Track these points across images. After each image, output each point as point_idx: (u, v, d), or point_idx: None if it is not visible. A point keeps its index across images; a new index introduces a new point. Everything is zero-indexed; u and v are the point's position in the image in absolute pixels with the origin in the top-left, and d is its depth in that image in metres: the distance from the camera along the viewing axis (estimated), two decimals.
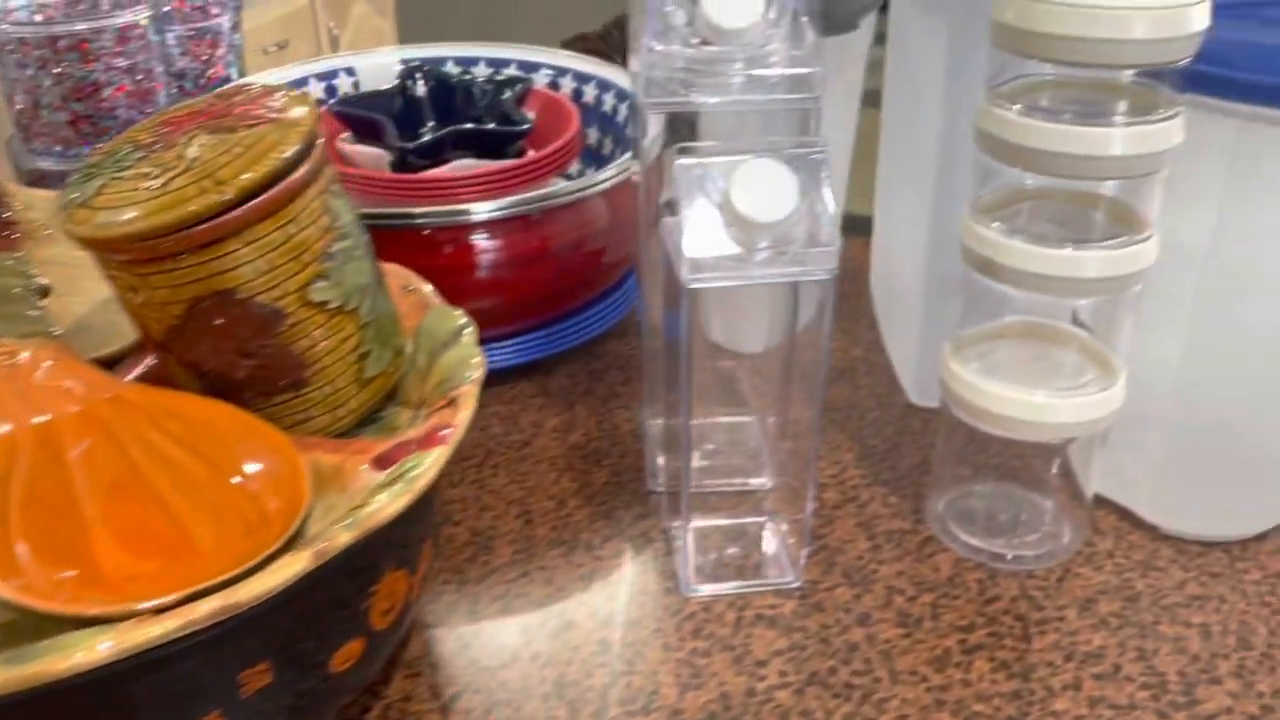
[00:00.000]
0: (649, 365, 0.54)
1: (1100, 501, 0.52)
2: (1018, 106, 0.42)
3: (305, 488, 0.35)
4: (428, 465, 0.34)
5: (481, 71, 0.75)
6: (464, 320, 0.43)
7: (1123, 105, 0.42)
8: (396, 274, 0.46)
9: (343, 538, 0.31)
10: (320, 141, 0.38)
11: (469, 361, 0.40)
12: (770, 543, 0.51)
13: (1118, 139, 0.40)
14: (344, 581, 0.34)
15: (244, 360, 0.37)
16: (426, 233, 0.57)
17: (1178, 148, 0.41)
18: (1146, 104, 0.42)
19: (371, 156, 0.64)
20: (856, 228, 0.66)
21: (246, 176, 0.35)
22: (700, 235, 0.41)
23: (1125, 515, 0.52)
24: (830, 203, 0.41)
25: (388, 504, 0.32)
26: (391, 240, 0.57)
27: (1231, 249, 0.44)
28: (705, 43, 0.44)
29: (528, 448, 0.57)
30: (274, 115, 0.37)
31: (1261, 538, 0.50)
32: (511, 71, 0.74)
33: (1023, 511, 0.52)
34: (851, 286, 0.74)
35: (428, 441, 0.36)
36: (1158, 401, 0.48)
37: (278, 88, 0.39)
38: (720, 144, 0.42)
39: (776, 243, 0.41)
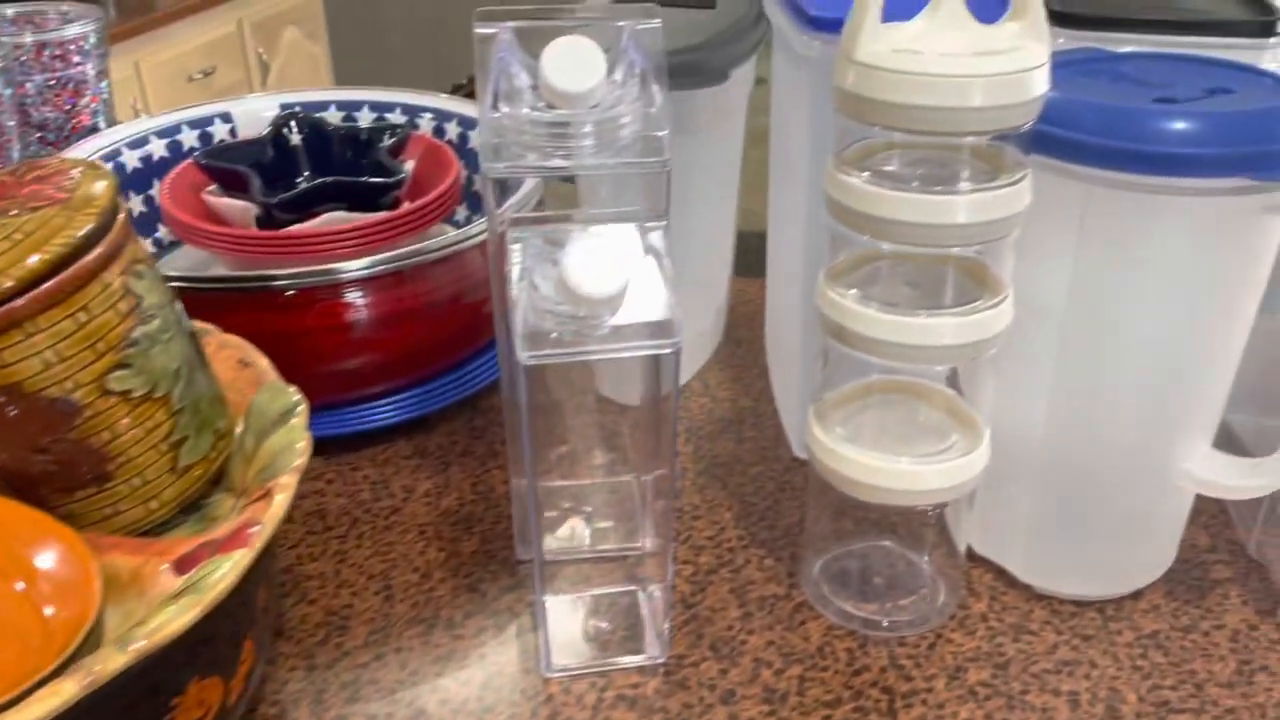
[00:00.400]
0: (511, 425, 0.53)
1: (977, 560, 0.52)
2: (865, 174, 0.40)
3: (95, 596, 0.32)
4: (225, 571, 0.32)
5: (365, 116, 0.73)
6: (296, 399, 0.41)
7: (969, 170, 0.41)
8: (232, 346, 0.44)
9: (114, 662, 0.28)
10: (121, 218, 0.36)
11: (293, 447, 0.38)
12: (638, 614, 0.49)
13: (962, 207, 0.39)
14: (138, 698, 0.32)
15: (38, 456, 0.35)
16: (291, 294, 0.55)
17: (1025, 211, 0.40)
18: (994, 165, 0.41)
19: (238, 210, 0.62)
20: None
21: (29, 263, 0.32)
22: (537, 308, 0.39)
23: (1001, 574, 0.51)
24: (670, 275, 0.40)
25: (174, 619, 0.30)
26: (253, 302, 0.55)
27: (1087, 308, 0.43)
28: (552, 106, 0.43)
29: (396, 515, 0.55)
30: (65, 194, 0.34)
31: (1137, 595, 0.50)
32: (395, 116, 0.73)
33: (899, 572, 0.51)
34: (748, 331, 0.73)
35: (232, 542, 0.33)
36: (1026, 459, 0.47)
37: (77, 163, 0.37)
38: (557, 213, 0.41)
39: (618, 313, 0.40)
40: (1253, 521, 0.52)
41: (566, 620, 0.48)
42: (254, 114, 0.71)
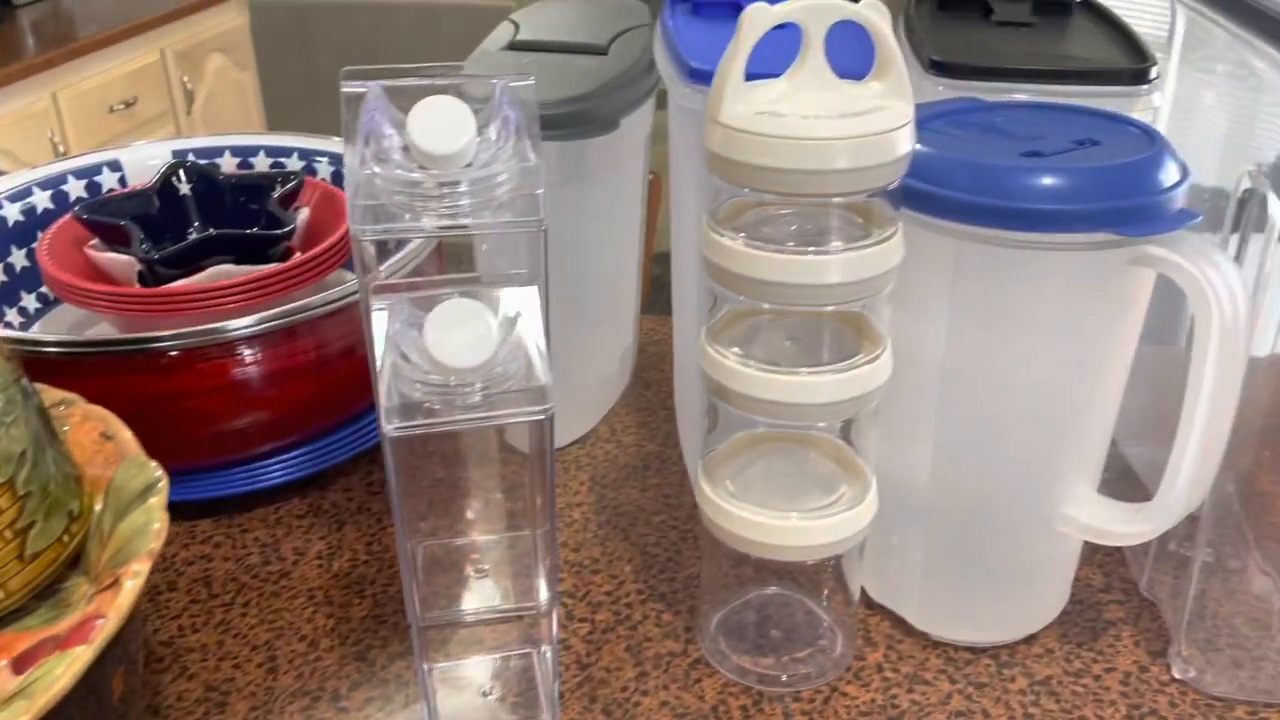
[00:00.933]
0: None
1: (875, 607, 0.51)
2: (740, 235, 0.40)
3: None
4: (61, 673, 0.30)
5: (261, 162, 0.72)
6: (157, 475, 0.39)
7: (842, 225, 0.41)
8: (95, 419, 0.43)
9: None
10: None
11: (148, 529, 0.36)
12: (533, 677, 0.48)
13: (835, 266, 0.39)
14: None
15: None
16: (175, 354, 0.53)
17: (897, 267, 0.40)
18: (867, 219, 0.41)
19: (121, 265, 0.60)
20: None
21: None
22: (405, 377, 0.38)
23: (898, 622, 0.51)
24: (539, 340, 0.39)
25: None
26: (134, 365, 0.53)
27: (964, 358, 0.43)
28: (424, 167, 0.42)
29: (286, 579, 0.53)
30: None
31: (1031, 639, 0.50)
32: (292, 161, 0.71)
33: (797, 622, 0.51)
34: (658, 372, 0.72)
35: (75, 637, 0.32)
36: (915, 507, 0.47)
37: None
38: (422, 279, 0.40)
39: (488, 381, 0.39)
40: (1144, 559, 0.53)
41: (456, 686, 0.47)
42: (143, 162, 0.69)
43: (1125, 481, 0.58)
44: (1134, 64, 0.49)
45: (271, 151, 0.72)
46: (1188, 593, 0.48)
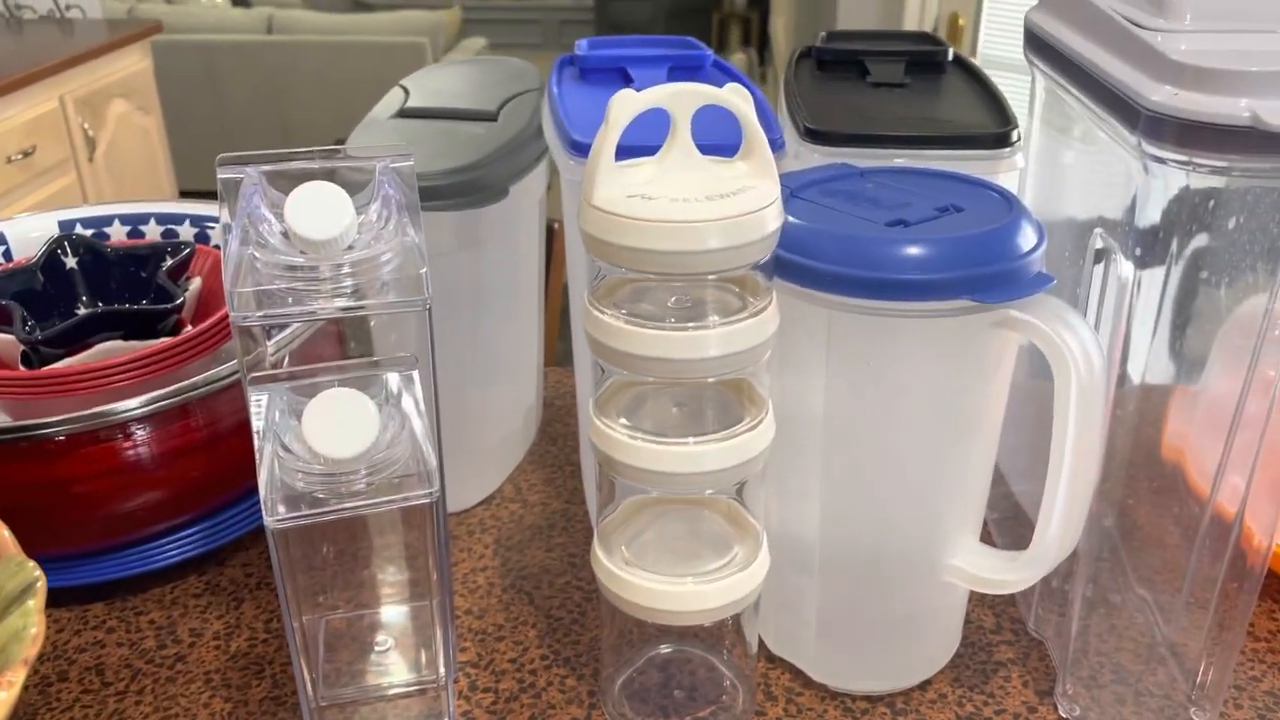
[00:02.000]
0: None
1: (775, 661, 0.52)
2: (621, 311, 0.41)
3: None
4: None
5: (152, 230, 0.71)
6: (35, 575, 0.38)
7: (720, 297, 0.42)
8: None
9: None
10: None
11: (24, 634, 0.36)
12: None
13: (713, 340, 0.40)
14: None
15: None
16: (63, 439, 0.52)
17: (773, 336, 0.42)
18: (744, 289, 0.42)
19: (5, 345, 0.58)
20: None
21: None
22: (286, 467, 0.38)
23: (797, 674, 0.52)
24: (426, 420, 0.40)
25: None
26: (17, 452, 0.52)
27: (843, 420, 0.45)
28: (304, 251, 0.42)
29: (182, 663, 0.52)
30: None
31: (925, 685, 0.51)
32: (184, 229, 0.70)
33: (699, 680, 0.51)
34: (564, 426, 0.73)
35: None
36: (806, 562, 0.48)
37: None
38: (300, 368, 0.40)
39: (372, 467, 0.39)
40: (1030, 598, 0.55)
41: None
42: (26, 234, 0.67)
43: (1015, 520, 0.61)
44: (998, 128, 0.52)
45: (162, 219, 0.71)
46: (1070, 630, 0.50)
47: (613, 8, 5.16)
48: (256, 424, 0.39)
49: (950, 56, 0.60)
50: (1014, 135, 0.51)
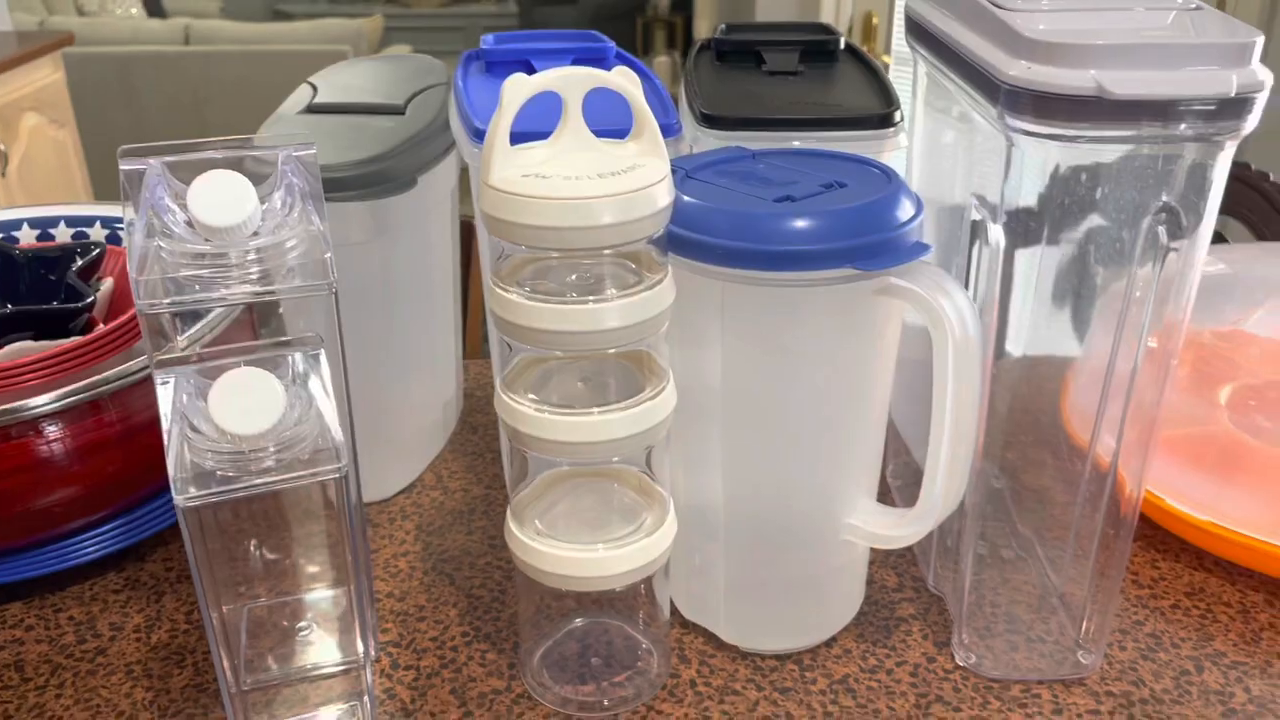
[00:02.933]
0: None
1: (689, 626, 0.54)
2: (524, 289, 0.43)
3: None
4: None
5: (62, 232, 0.70)
6: None
7: (618, 272, 0.43)
8: None
9: None
10: None
11: None
12: None
13: (612, 313, 0.42)
14: None
15: None
16: None
17: (670, 308, 0.44)
18: (641, 265, 0.44)
19: None
20: None
21: None
22: (195, 447, 0.39)
23: (710, 638, 0.54)
24: (334, 399, 0.41)
25: None
26: None
27: (739, 388, 0.47)
28: (208, 240, 0.43)
29: (103, 656, 0.52)
30: None
31: (832, 642, 0.53)
32: (95, 231, 0.70)
33: (616, 648, 0.53)
34: (485, 416, 0.74)
35: None
36: (713, 527, 0.51)
37: None
38: (207, 349, 0.41)
39: (280, 445, 0.40)
40: (930, 557, 0.58)
41: None
42: None
43: (916, 485, 0.63)
44: (882, 110, 0.54)
45: (72, 221, 0.70)
46: (964, 585, 0.53)
47: (536, 13, 5.17)
48: (164, 407, 0.39)
49: (842, 45, 0.63)
50: (896, 116, 0.54)
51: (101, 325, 0.61)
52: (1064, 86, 0.39)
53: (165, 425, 0.39)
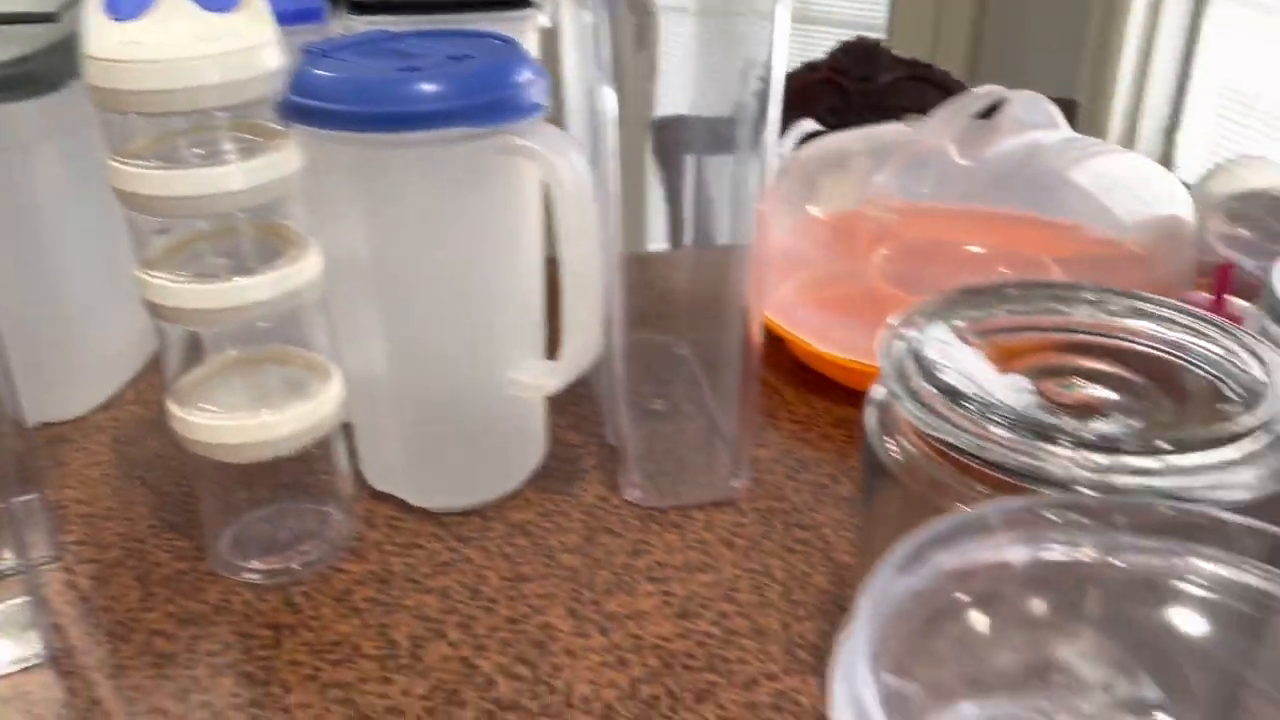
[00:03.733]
0: None
1: (380, 496, 0.57)
2: (152, 160, 0.43)
3: None
4: None
5: None
6: None
7: (239, 144, 0.45)
8: None
9: None
10: None
11: None
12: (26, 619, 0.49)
13: (235, 175, 0.44)
14: None
15: None
16: None
17: (295, 174, 0.46)
18: (262, 137, 0.46)
19: None
20: None
21: None
22: None
23: (400, 504, 0.57)
24: None
25: None
26: None
27: (384, 254, 0.49)
28: None
29: None
30: None
31: (515, 494, 0.57)
32: None
33: (306, 523, 0.55)
34: None
35: None
36: (382, 395, 0.53)
37: None
38: None
39: None
40: (603, 413, 0.62)
41: None
42: None
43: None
44: None
45: None
46: (640, 434, 0.58)
47: None
48: None
49: None
50: None
51: None
52: None
53: None
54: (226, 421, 0.48)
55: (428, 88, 0.46)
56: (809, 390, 0.68)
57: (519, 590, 0.51)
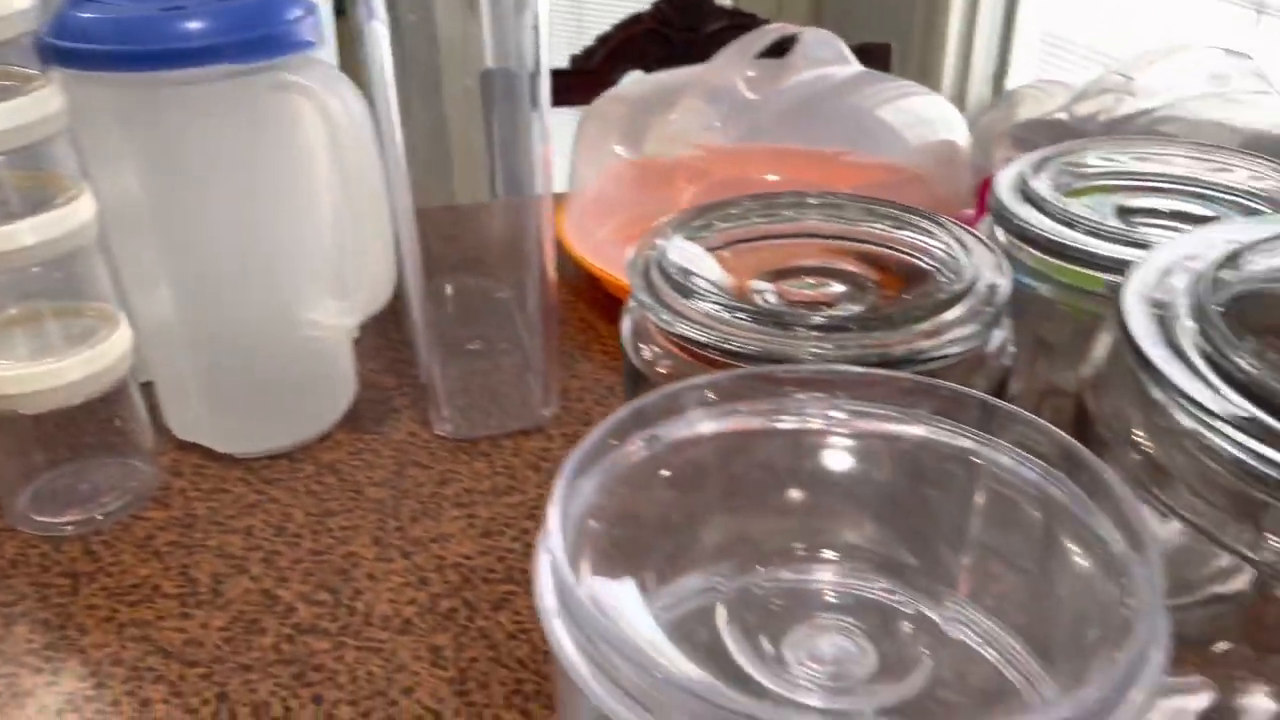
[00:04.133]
0: None
1: (185, 446, 0.57)
2: None
3: None
4: None
5: None
6: None
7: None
8: None
9: None
10: None
11: None
12: None
13: None
14: None
15: None
16: None
17: (54, 117, 0.45)
18: (19, 81, 0.45)
19: None
20: None
21: None
22: None
23: (207, 453, 0.57)
24: None
25: None
26: None
27: (159, 199, 0.49)
28: None
29: None
30: None
31: (325, 437, 0.58)
32: None
33: (106, 477, 0.55)
34: None
35: None
36: (178, 344, 0.53)
37: None
38: None
39: None
40: (423, 355, 0.63)
41: None
42: None
43: None
44: None
45: None
46: (455, 373, 0.59)
47: None
48: None
49: None
50: None
51: None
52: None
53: None
54: (12, 372, 0.47)
55: (190, 25, 0.46)
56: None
57: (324, 525, 0.52)
